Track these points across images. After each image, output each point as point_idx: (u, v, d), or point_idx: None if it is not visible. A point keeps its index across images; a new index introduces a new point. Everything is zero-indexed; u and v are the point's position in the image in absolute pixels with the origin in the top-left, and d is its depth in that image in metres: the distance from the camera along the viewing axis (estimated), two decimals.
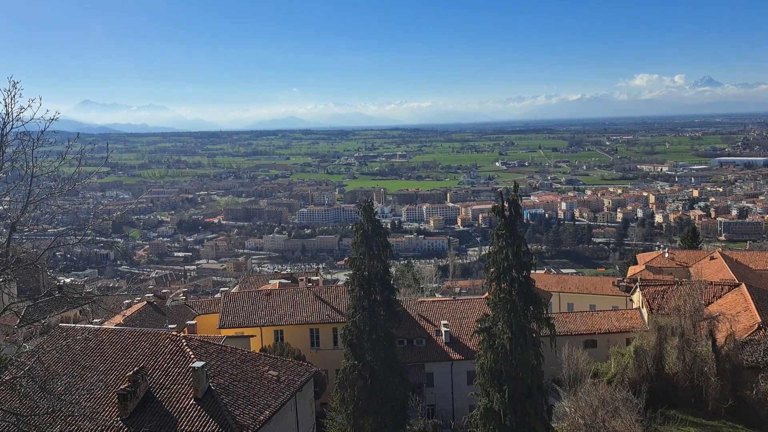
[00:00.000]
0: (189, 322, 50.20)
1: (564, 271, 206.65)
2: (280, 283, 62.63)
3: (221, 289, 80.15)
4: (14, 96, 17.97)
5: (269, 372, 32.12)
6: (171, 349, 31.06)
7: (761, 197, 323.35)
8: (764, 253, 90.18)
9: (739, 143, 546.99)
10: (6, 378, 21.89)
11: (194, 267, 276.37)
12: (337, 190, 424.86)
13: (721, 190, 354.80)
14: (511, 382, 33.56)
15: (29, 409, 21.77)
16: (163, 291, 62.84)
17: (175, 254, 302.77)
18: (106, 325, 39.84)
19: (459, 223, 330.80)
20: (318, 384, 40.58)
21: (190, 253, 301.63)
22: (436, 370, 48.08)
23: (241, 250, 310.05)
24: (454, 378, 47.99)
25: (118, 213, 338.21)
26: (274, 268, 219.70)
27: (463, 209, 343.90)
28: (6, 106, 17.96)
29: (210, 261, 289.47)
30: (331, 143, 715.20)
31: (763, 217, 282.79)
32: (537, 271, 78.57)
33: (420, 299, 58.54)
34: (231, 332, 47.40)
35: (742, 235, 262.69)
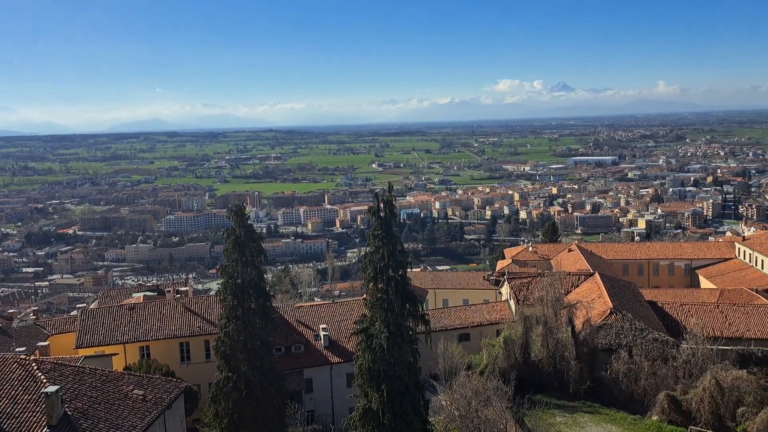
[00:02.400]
0: (41, 343, 45.96)
1: (439, 268, 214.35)
2: (145, 296, 58.88)
3: (78, 305, 74.10)
4: None
5: (134, 391, 30.25)
6: (19, 375, 28.41)
7: (610, 193, 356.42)
8: (614, 243, 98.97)
9: (591, 144, 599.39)
10: None
11: (46, 283, 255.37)
12: (207, 194, 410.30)
13: (576, 187, 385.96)
14: (389, 381, 33.77)
15: None
16: (10, 311, 56.83)
17: (24, 270, 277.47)
18: None
19: (337, 225, 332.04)
20: (189, 400, 38.56)
21: (42, 268, 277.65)
22: (315, 375, 47.48)
23: (100, 263, 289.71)
24: (334, 382, 47.65)
25: None
26: (138, 281, 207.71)
27: (341, 211, 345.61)
28: None
29: (65, 276, 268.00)
30: (200, 146, 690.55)
31: (612, 211, 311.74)
32: (413, 270, 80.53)
33: (298, 304, 57.69)
34: (90, 351, 43.75)
35: (595, 228, 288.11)
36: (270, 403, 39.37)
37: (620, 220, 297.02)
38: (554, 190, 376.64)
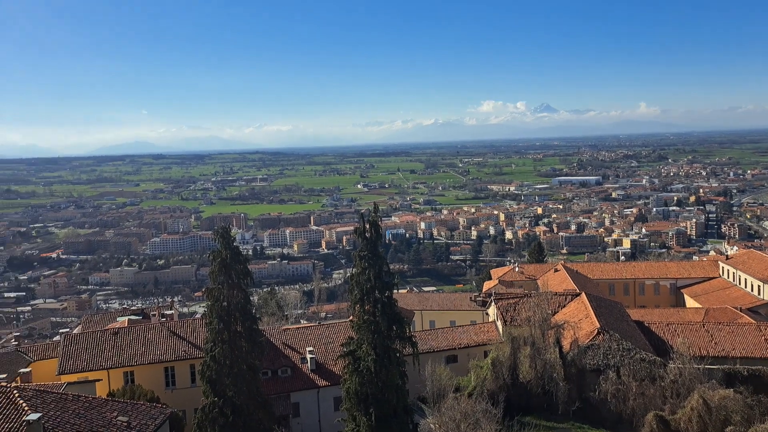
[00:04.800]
0: (22, 370, 45.04)
1: (425, 289, 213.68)
2: (129, 320, 58.04)
3: (61, 330, 72.76)
4: None
5: (118, 418, 29.81)
6: (0, 402, 27.83)
7: (595, 213, 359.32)
8: (600, 263, 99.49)
9: (575, 164, 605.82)
10: None
11: (29, 308, 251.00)
12: (193, 216, 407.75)
13: (561, 207, 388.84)
14: (377, 404, 33.54)
15: None
16: None
17: (6, 295, 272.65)
18: None
19: (324, 246, 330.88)
20: (175, 426, 37.86)
21: (24, 293, 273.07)
22: (302, 399, 46.91)
23: (84, 287, 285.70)
24: (321, 405, 47.07)
25: None
26: (122, 304, 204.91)
27: (327, 232, 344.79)
28: None
29: (47, 300, 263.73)
30: (186, 168, 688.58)
31: (597, 231, 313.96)
32: (399, 291, 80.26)
33: (284, 327, 57.07)
34: (73, 378, 42.85)
35: (581, 247, 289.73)
36: (257, 428, 38.83)
37: (605, 239, 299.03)
38: (539, 210, 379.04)
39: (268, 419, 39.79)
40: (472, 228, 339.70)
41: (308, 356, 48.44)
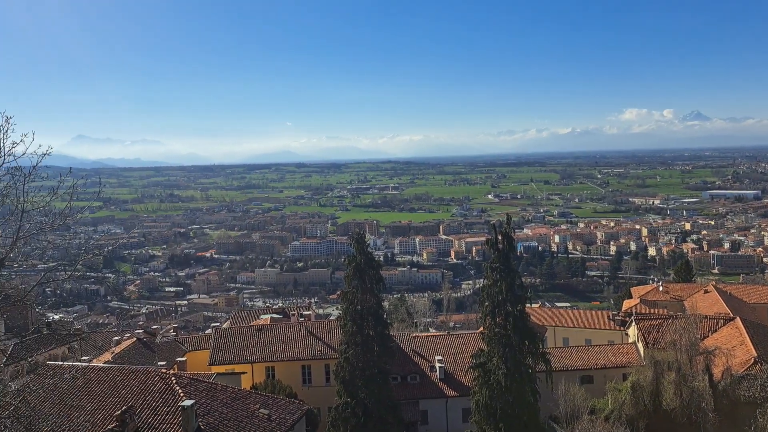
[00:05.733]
0: (179, 359, 49.23)
1: (558, 304, 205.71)
2: (271, 318, 61.85)
3: (212, 324, 79.17)
4: (6, 131, 17.92)
5: (260, 410, 31.43)
6: (160, 388, 30.35)
7: (752, 230, 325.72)
8: (757, 286, 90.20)
9: (729, 176, 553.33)
10: None
11: (185, 302, 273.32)
12: (329, 222, 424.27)
13: (712, 223, 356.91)
14: (506, 419, 33.01)
15: None
16: (154, 327, 61.87)
17: (167, 289, 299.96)
18: (94, 363, 39.04)
19: (452, 256, 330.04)
20: (310, 422, 39.72)
21: (182, 288, 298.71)
22: (431, 408, 47.22)
23: (232, 285, 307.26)
24: (449, 415, 47.10)
25: (109, 248, 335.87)
26: (265, 303, 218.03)
27: (456, 242, 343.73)
28: None
29: (201, 296, 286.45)
30: (324, 176, 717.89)
31: (755, 250, 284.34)
32: (531, 305, 78.17)
33: (414, 334, 57.91)
34: (222, 369, 46.50)
35: (735, 268, 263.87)
36: (386, 431, 39.66)
37: (764, 260, 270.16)
38: (687, 226, 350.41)
39: (397, 423, 40.44)
40: (611, 243, 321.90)
41: (437, 365, 48.71)
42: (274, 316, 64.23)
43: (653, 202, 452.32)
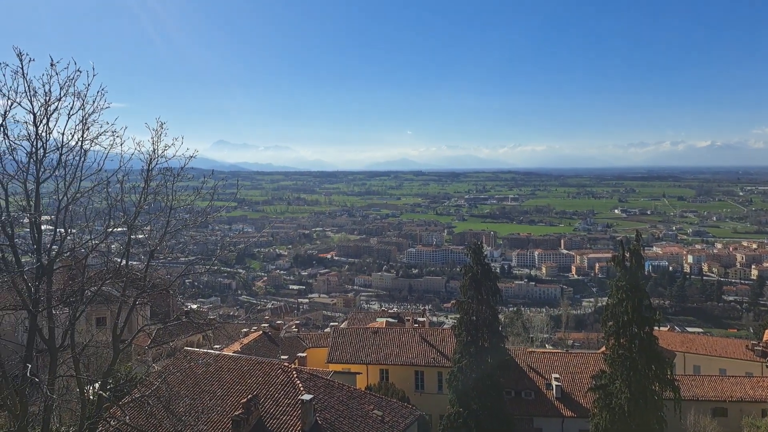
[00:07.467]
0: (300, 354, 51.34)
1: (689, 329, 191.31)
2: (386, 321, 62.92)
3: (330, 323, 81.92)
4: (160, 135, 19.97)
5: (374, 411, 31.89)
6: (282, 380, 31.65)
7: None
8: None
9: None
10: (136, 395, 23.65)
11: (307, 300, 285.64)
12: (445, 231, 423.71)
13: None
14: None
15: (153, 427, 23.27)
16: (278, 322, 65.00)
17: (290, 287, 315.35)
18: (225, 352, 41.87)
19: (573, 272, 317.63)
20: (422, 429, 39.88)
21: (304, 287, 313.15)
22: (546, 426, 45.76)
23: (350, 286, 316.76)
24: None
25: (242, 246, 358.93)
26: (381, 306, 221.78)
27: (578, 257, 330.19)
28: (153, 143, 19.96)
29: (321, 295, 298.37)
30: (442, 185, 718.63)
31: None
32: (660, 328, 73.42)
33: (529, 349, 56.40)
34: (338, 367, 48.01)
35: None
36: None
37: None
38: None
39: None
40: (752, 266, 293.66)
41: (554, 383, 47.16)
42: (389, 320, 65.25)
43: None
